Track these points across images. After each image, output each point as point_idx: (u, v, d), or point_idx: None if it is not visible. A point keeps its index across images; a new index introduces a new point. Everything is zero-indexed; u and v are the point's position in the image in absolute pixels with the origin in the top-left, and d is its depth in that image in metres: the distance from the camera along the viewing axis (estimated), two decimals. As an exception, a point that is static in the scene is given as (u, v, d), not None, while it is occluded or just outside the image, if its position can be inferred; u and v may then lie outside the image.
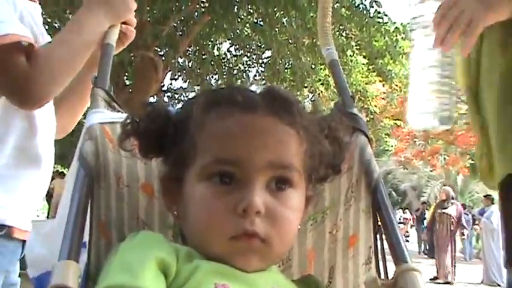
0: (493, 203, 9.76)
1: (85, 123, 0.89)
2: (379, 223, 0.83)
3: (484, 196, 11.07)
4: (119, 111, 0.96)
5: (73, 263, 0.67)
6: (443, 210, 9.21)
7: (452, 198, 9.64)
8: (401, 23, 9.01)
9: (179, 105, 0.83)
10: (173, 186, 0.74)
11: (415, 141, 16.92)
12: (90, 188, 0.80)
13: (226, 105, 0.71)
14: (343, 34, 8.58)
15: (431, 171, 20.10)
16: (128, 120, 0.77)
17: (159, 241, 0.69)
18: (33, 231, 1.07)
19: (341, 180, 0.92)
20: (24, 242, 1.13)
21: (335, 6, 8.00)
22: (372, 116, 10.48)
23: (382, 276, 0.81)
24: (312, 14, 7.10)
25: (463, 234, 11.36)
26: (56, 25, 7.21)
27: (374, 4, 8.02)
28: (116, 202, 0.85)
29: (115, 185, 0.86)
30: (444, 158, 17.12)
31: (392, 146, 12.50)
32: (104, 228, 0.83)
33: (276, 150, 0.70)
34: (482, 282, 9.35)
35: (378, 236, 0.85)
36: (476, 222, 12.16)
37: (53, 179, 1.48)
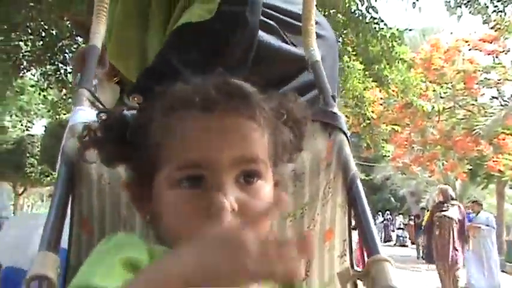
0: (481, 209, 9.02)
1: (69, 122, 0.91)
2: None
3: (472, 202, 10.11)
4: None
5: (52, 254, 0.69)
6: (444, 213, 7.76)
7: (453, 199, 8.06)
8: (397, 29, 9.05)
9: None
10: (141, 192, 0.73)
11: (413, 147, 16.95)
12: (71, 184, 0.82)
13: (185, 108, 0.70)
14: (340, 40, 8.62)
15: (429, 176, 20.08)
16: (85, 131, 0.77)
17: (131, 243, 0.68)
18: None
19: (320, 177, 0.95)
20: None
21: (331, 12, 8.07)
22: (368, 122, 10.49)
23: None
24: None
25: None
26: (52, 32, 7.25)
27: (370, 10, 8.08)
28: (98, 198, 0.87)
29: (97, 182, 0.88)
30: (442, 164, 17.11)
31: (389, 152, 12.48)
32: (85, 223, 0.85)
33: (241, 146, 0.71)
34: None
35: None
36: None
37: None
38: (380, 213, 24.54)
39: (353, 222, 0.88)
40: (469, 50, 14.98)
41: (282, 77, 1.23)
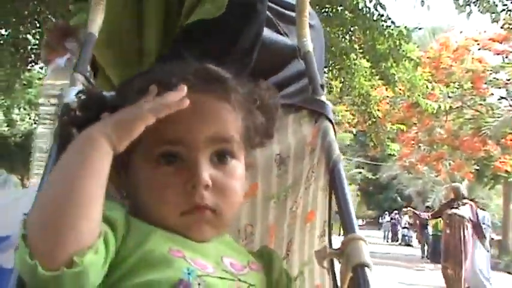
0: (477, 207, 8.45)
1: (64, 100, 0.94)
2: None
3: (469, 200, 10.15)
4: None
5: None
6: (455, 211, 7.40)
7: (464, 198, 7.63)
8: (406, 27, 9.02)
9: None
10: (118, 170, 0.74)
11: (419, 146, 16.89)
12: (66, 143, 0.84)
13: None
14: (347, 37, 8.60)
15: (436, 176, 20.02)
16: (64, 110, 0.80)
17: (110, 205, 0.69)
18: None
19: (304, 162, 0.98)
20: None
21: (338, 9, 8.07)
22: (374, 120, 10.45)
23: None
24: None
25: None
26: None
27: (378, 7, 8.06)
28: None
29: None
30: (449, 163, 17.05)
31: (395, 151, 12.43)
32: None
33: (216, 125, 0.75)
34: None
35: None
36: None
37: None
38: (387, 212, 24.47)
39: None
40: (478, 49, 14.90)
41: (272, 67, 1.25)
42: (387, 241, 22.24)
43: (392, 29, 8.53)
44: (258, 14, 1.18)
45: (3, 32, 7.88)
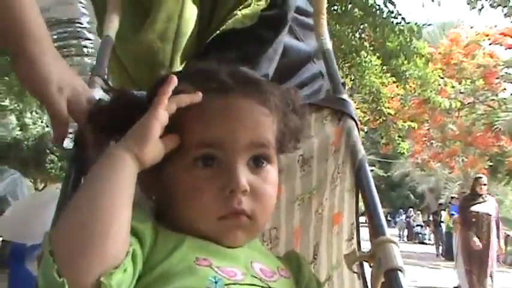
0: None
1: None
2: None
3: (462, 193, 9.46)
4: None
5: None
6: (482, 209, 6.52)
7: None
8: (416, 23, 8.95)
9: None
10: (149, 171, 0.71)
11: (432, 143, 16.77)
12: (84, 162, 0.84)
13: (201, 90, 0.72)
14: (357, 35, 8.55)
15: (449, 173, 19.86)
16: (96, 110, 0.80)
17: (138, 216, 0.68)
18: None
19: (328, 162, 0.96)
20: None
21: (348, 6, 8.02)
22: (385, 118, 10.39)
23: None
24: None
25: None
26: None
27: (388, 4, 8.00)
28: None
29: None
30: (462, 160, 16.91)
31: (405, 149, 12.33)
32: None
33: (254, 130, 0.73)
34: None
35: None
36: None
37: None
38: (401, 210, 24.30)
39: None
40: (490, 44, 14.75)
41: (289, 72, 1.26)
42: (403, 239, 22.07)
43: (402, 26, 8.47)
44: (286, 25, 1.21)
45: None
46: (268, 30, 1.19)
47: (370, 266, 0.73)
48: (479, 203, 6.52)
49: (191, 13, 1.22)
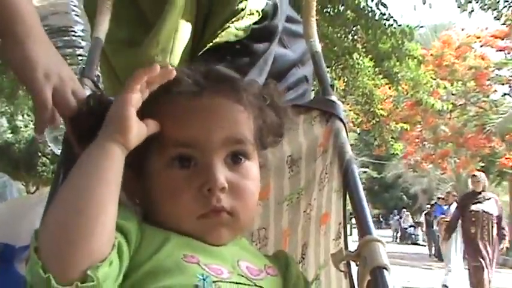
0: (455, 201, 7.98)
1: None
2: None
3: (447, 193, 9.40)
4: None
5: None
6: (482, 208, 6.31)
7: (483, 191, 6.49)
8: (408, 25, 9.00)
9: None
10: (130, 173, 0.72)
11: (424, 144, 16.86)
12: (73, 163, 0.84)
13: (174, 91, 0.73)
14: (349, 37, 8.58)
15: (441, 174, 19.98)
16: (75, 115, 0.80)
17: (124, 214, 0.68)
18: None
19: (316, 163, 0.96)
20: None
21: (340, 8, 8.05)
22: (378, 119, 10.42)
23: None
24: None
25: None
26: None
27: (380, 6, 8.04)
28: None
29: None
30: (454, 161, 17.01)
31: (398, 151, 12.39)
32: None
33: (229, 127, 0.74)
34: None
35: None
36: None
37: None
38: (396, 211, 24.36)
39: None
40: (481, 46, 14.87)
41: (273, 78, 1.28)
42: (396, 241, 22.11)
43: (394, 28, 8.51)
44: (277, 37, 1.24)
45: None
46: (259, 42, 1.21)
47: (357, 265, 0.74)
48: (478, 201, 6.36)
49: (186, 28, 1.22)
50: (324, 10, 7.81)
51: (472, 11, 8.55)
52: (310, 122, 1.00)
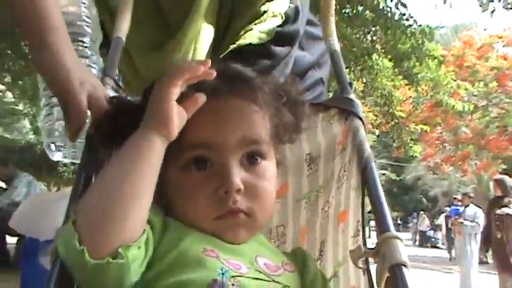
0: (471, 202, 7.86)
1: None
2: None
3: (463, 194, 9.13)
4: None
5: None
6: (506, 211, 6.06)
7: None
8: (428, 25, 8.90)
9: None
10: None
11: (444, 146, 16.64)
12: (96, 161, 0.86)
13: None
14: (368, 37, 8.53)
15: (462, 176, 19.68)
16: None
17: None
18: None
19: (335, 161, 0.97)
20: None
21: (359, 9, 8.01)
22: (397, 121, 10.32)
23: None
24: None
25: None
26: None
27: (399, 6, 7.97)
28: None
29: None
30: (475, 163, 16.75)
31: (417, 153, 12.22)
32: None
33: (244, 128, 0.74)
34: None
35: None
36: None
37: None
38: (415, 213, 24.06)
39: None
40: (503, 46, 14.64)
41: None
42: (415, 243, 21.82)
43: (414, 28, 8.43)
44: (298, 41, 1.25)
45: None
46: (281, 45, 1.22)
47: (375, 262, 0.74)
48: (504, 205, 6.15)
49: (208, 29, 1.23)
50: (343, 11, 7.77)
51: (494, 10, 8.41)
52: (328, 120, 1.00)
